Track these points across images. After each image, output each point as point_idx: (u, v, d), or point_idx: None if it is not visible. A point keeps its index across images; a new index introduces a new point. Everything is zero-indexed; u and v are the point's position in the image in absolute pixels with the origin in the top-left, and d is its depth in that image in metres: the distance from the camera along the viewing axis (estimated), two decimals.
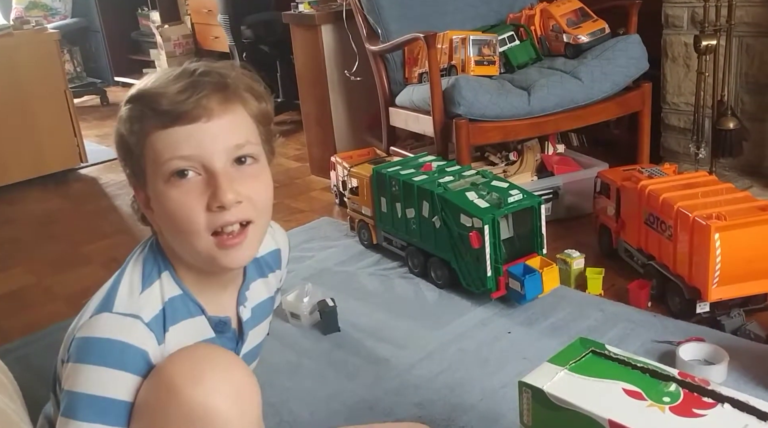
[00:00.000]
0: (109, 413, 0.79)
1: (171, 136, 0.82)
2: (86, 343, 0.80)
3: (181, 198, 0.82)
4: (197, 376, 0.77)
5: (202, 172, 0.82)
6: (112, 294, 0.84)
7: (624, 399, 0.94)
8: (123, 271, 0.88)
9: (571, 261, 1.95)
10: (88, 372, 0.79)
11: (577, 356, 1.06)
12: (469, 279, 1.89)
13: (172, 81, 0.83)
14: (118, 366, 0.79)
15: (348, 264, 2.21)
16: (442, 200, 1.92)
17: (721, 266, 1.60)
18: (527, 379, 1.02)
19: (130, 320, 0.82)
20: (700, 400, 0.93)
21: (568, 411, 0.96)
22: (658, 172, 1.97)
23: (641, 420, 0.90)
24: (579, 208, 2.36)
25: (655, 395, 0.94)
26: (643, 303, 1.80)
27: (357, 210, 2.31)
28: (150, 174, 0.84)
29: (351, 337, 1.79)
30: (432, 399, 1.49)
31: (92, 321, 0.82)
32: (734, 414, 0.90)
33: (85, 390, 0.79)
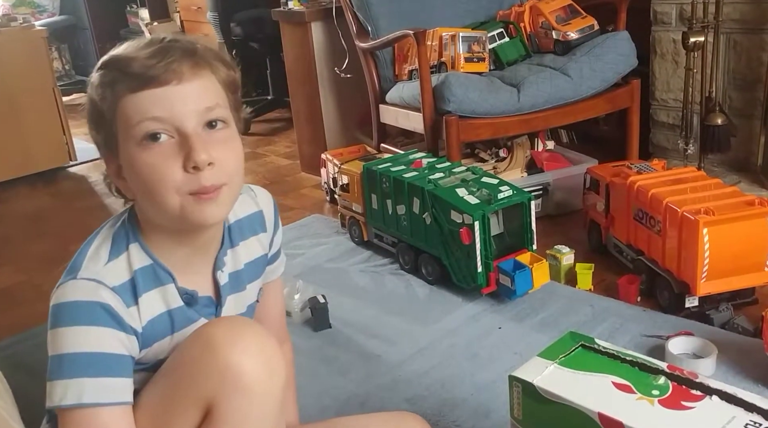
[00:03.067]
0: (91, 366, 0.83)
1: (142, 99, 0.83)
2: (57, 309, 0.85)
3: (156, 160, 0.83)
4: (235, 338, 0.83)
5: (175, 135, 0.84)
6: (77, 262, 0.87)
7: (613, 393, 0.95)
8: (90, 242, 0.90)
9: (560, 257, 1.96)
10: (64, 334, 0.83)
11: (566, 350, 1.06)
12: (459, 275, 1.90)
13: (143, 48, 0.85)
14: (89, 322, 0.83)
15: (339, 261, 2.22)
16: (432, 196, 1.92)
17: (710, 260, 1.61)
18: (517, 373, 1.03)
19: (94, 284, 0.86)
20: (689, 393, 0.93)
21: (558, 404, 0.96)
22: (647, 167, 1.98)
23: (631, 413, 0.90)
24: (569, 204, 2.37)
25: (644, 388, 0.95)
26: (633, 298, 1.81)
27: (348, 207, 2.31)
28: (122, 139, 0.85)
29: (342, 334, 1.79)
30: (423, 395, 1.50)
31: (59, 289, 0.86)
32: (722, 406, 0.90)
33: (64, 351, 0.83)
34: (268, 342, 0.86)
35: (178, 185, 0.84)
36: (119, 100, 0.84)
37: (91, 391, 0.83)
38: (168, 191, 0.84)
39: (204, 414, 0.84)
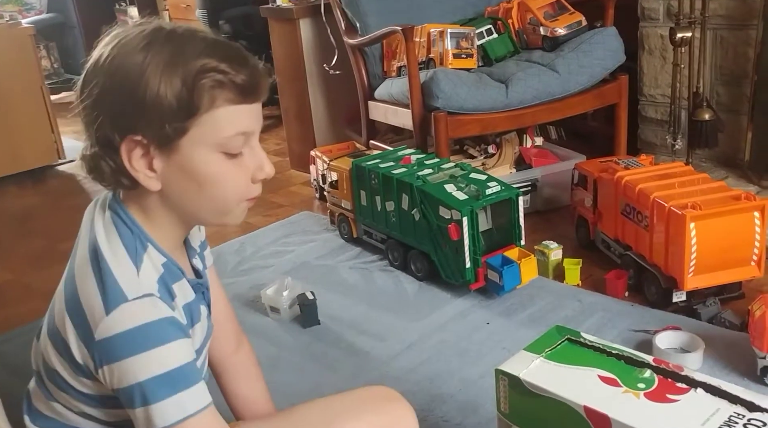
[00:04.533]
0: (180, 381, 0.81)
1: (238, 112, 0.83)
2: (124, 338, 0.80)
3: (232, 170, 0.84)
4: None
5: (247, 147, 0.86)
6: (113, 284, 0.82)
7: (599, 386, 0.95)
8: (101, 256, 0.84)
9: (549, 253, 1.96)
10: (142, 360, 0.80)
11: (553, 344, 1.07)
12: (448, 271, 1.90)
13: (227, 50, 0.83)
14: (164, 340, 0.81)
15: (328, 257, 2.21)
16: (421, 193, 1.92)
17: (697, 255, 1.62)
18: (504, 367, 1.03)
19: (148, 299, 0.82)
20: (674, 386, 0.94)
21: (545, 398, 0.97)
22: (635, 163, 1.98)
23: (616, 406, 0.90)
24: (557, 199, 2.37)
25: (630, 381, 0.95)
26: (621, 293, 1.82)
27: (337, 203, 2.31)
28: (195, 140, 0.82)
29: (331, 330, 1.79)
30: (412, 391, 1.50)
31: (115, 316, 0.80)
32: (707, 398, 0.91)
33: (149, 376, 0.80)
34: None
35: (244, 194, 0.87)
36: (214, 104, 0.81)
37: (189, 402, 0.82)
38: (235, 198, 0.87)
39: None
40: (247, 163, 0.86)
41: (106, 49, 0.82)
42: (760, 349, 1.39)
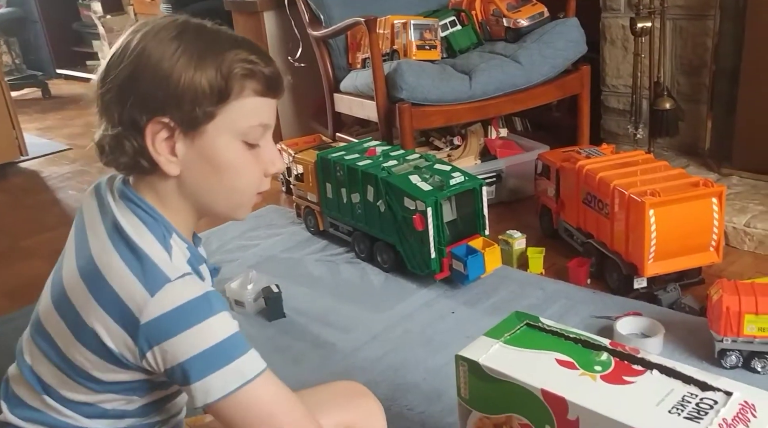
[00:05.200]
0: (234, 349, 0.82)
1: (263, 104, 0.87)
2: (175, 315, 0.81)
3: (249, 160, 0.87)
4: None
5: (263, 140, 0.89)
6: (152, 267, 0.83)
7: (557, 369, 0.96)
8: (133, 243, 0.84)
9: (512, 242, 1.98)
10: (195, 333, 0.81)
11: (512, 329, 1.07)
12: (413, 262, 1.90)
13: (260, 48, 0.88)
14: (213, 312, 0.82)
15: (294, 251, 2.20)
16: (385, 184, 1.92)
17: (657, 241, 1.64)
18: (463, 353, 1.03)
19: (189, 277, 0.84)
20: (630, 368, 0.95)
21: (503, 382, 0.98)
22: (596, 152, 2.00)
23: (573, 389, 0.92)
24: (521, 190, 2.39)
25: (587, 364, 0.96)
26: (583, 281, 1.84)
27: (303, 196, 2.30)
28: (219, 126, 0.85)
29: (296, 323, 1.79)
30: (376, 381, 1.50)
31: (160, 297, 0.81)
32: (662, 379, 0.92)
33: (204, 347, 0.80)
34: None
35: (257, 186, 0.90)
36: (243, 93, 0.85)
37: (246, 368, 0.82)
38: (249, 189, 0.90)
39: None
40: (262, 155, 0.89)
41: (135, 37, 0.84)
42: (718, 332, 1.42)
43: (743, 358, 1.42)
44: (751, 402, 0.85)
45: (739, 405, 0.85)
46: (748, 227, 1.95)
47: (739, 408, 0.84)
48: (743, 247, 1.96)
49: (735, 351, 1.41)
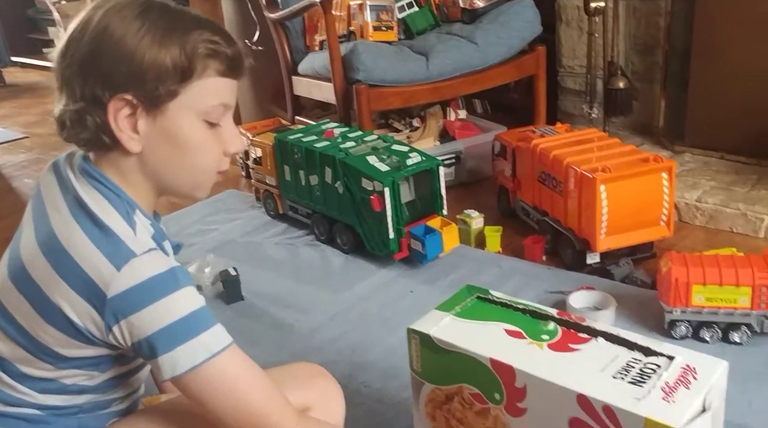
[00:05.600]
0: (200, 322, 0.83)
1: (225, 84, 0.88)
2: (141, 289, 0.80)
3: (209, 139, 0.88)
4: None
5: (223, 120, 0.90)
6: (117, 243, 0.82)
7: (505, 339, 0.98)
8: (97, 219, 0.83)
9: (470, 221, 1.99)
10: (162, 306, 0.81)
11: (462, 302, 1.09)
12: (372, 243, 1.91)
13: (223, 29, 0.89)
14: (180, 285, 0.82)
15: (253, 234, 2.19)
16: (343, 165, 1.92)
17: (608, 217, 1.67)
18: (415, 326, 1.04)
19: (154, 252, 0.84)
20: (576, 336, 0.97)
21: (453, 353, 0.99)
22: (551, 131, 2.03)
23: (521, 357, 0.93)
24: (480, 171, 2.41)
25: (534, 333, 0.98)
26: (538, 257, 1.86)
27: (261, 180, 2.29)
28: (182, 104, 0.85)
29: (255, 305, 1.78)
30: (334, 360, 1.50)
31: (127, 271, 0.81)
32: (607, 346, 0.94)
33: (170, 320, 0.80)
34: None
35: (217, 165, 0.90)
36: (206, 73, 0.85)
37: (213, 341, 0.83)
38: (209, 168, 0.90)
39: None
40: (222, 135, 0.89)
41: (97, 13, 0.84)
42: (667, 304, 1.45)
43: (692, 328, 1.45)
44: (692, 366, 0.87)
45: (680, 368, 0.87)
46: (700, 202, 1.99)
47: (680, 372, 0.86)
48: (695, 222, 2.00)
49: (684, 321, 1.45)
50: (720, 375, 0.87)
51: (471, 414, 1.01)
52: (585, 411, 0.86)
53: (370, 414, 1.34)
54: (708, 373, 0.86)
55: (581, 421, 0.86)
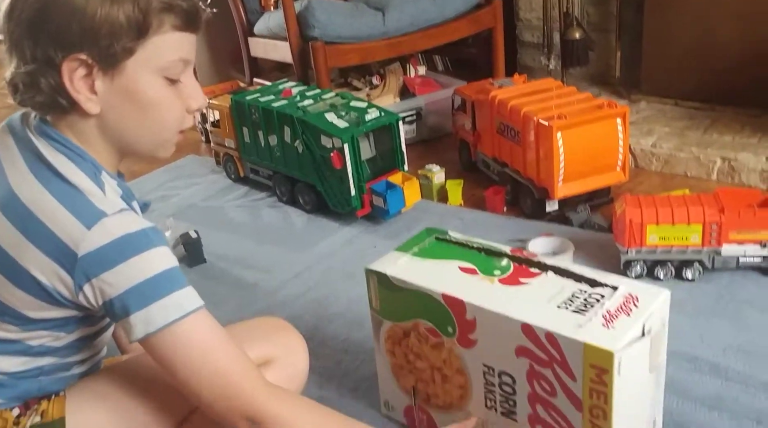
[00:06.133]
0: (174, 281, 0.82)
1: (182, 39, 0.85)
2: (112, 247, 0.80)
3: (170, 96, 0.85)
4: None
5: (184, 76, 0.87)
6: (86, 203, 0.81)
7: (459, 276, 1.00)
8: (65, 180, 0.82)
9: (432, 176, 2.00)
10: (134, 265, 0.80)
11: (421, 243, 1.11)
12: (334, 201, 1.91)
13: None
14: (152, 245, 0.81)
15: (215, 198, 2.17)
16: (302, 123, 1.90)
17: (565, 163, 1.69)
18: (372, 266, 1.07)
19: (126, 212, 0.82)
20: (528, 271, 0.99)
21: (408, 290, 1.02)
22: (509, 82, 2.03)
23: (471, 292, 0.96)
24: (441, 127, 2.41)
25: (487, 270, 1.00)
26: (499, 208, 1.88)
27: (221, 143, 2.26)
28: (138, 63, 0.82)
29: (217, 267, 1.77)
30: (299, 314, 1.51)
31: (97, 230, 0.79)
32: (555, 279, 0.96)
33: (142, 278, 0.80)
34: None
35: (180, 123, 0.88)
36: (162, 28, 0.82)
37: (186, 300, 0.82)
38: (172, 126, 0.88)
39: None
40: (183, 91, 0.87)
41: None
42: (623, 245, 1.48)
43: (647, 268, 1.49)
44: (634, 295, 0.90)
45: (623, 297, 0.90)
46: (655, 148, 2.03)
47: (623, 300, 0.89)
48: (651, 168, 2.04)
49: (639, 261, 1.48)
50: (662, 302, 0.90)
51: (427, 348, 1.04)
52: (530, 339, 0.89)
53: (336, 364, 1.36)
54: (649, 301, 0.89)
55: (527, 349, 0.90)
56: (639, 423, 0.92)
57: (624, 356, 0.82)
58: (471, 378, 1.00)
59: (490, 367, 0.96)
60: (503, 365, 0.94)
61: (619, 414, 0.85)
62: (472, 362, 0.98)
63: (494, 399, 0.98)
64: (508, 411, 0.98)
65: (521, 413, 0.96)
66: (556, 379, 0.88)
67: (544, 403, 0.91)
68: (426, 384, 1.08)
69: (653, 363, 0.88)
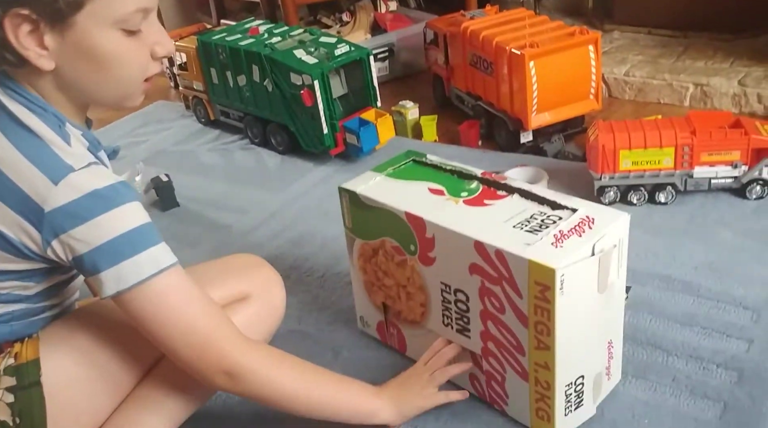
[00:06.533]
0: (147, 237, 0.80)
1: None
2: (82, 203, 0.77)
3: (131, 47, 0.80)
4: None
5: (145, 24, 0.82)
6: (52, 156, 0.78)
7: (426, 196, 1.01)
8: (30, 133, 0.79)
9: (406, 112, 1.98)
10: (106, 220, 0.78)
11: (397, 164, 1.12)
12: (307, 140, 1.88)
13: None
14: (124, 200, 0.79)
15: (185, 143, 2.14)
16: (270, 61, 1.86)
17: (538, 93, 1.67)
18: (345, 185, 1.08)
19: (94, 167, 0.80)
20: (495, 193, 0.99)
21: (376, 209, 1.03)
22: (480, 13, 1.99)
23: (433, 211, 0.97)
24: (415, 63, 2.37)
25: (455, 191, 1.01)
26: (474, 142, 1.87)
27: (189, 86, 2.21)
28: (90, 17, 0.77)
29: (191, 210, 1.75)
30: (275, 254, 1.51)
31: (64, 185, 0.77)
32: (519, 201, 0.97)
33: (112, 236, 0.78)
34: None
35: (144, 72, 0.84)
36: None
37: (161, 256, 0.81)
38: (136, 78, 0.83)
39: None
40: (146, 39, 0.82)
41: None
42: (596, 171, 1.48)
43: (620, 193, 1.49)
44: (591, 217, 0.90)
45: (579, 219, 0.89)
46: (628, 76, 2.01)
47: (579, 222, 0.89)
48: (624, 97, 2.03)
49: (613, 187, 1.48)
50: (619, 225, 0.90)
51: (393, 266, 1.06)
52: (481, 256, 0.90)
53: (314, 299, 1.36)
54: (605, 223, 0.89)
55: (478, 267, 0.91)
56: (589, 342, 0.93)
57: (567, 273, 0.82)
58: (431, 295, 1.01)
59: (447, 285, 0.97)
60: (458, 283, 0.95)
61: (563, 331, 0.86)
62: (431, 280, 1.00)
63: (450, 317, 1.00)
64: (462, 328, 0.99)
65: (474, 330, 0.97)
66: (505, 296, 0.89)
67: (495, 320, 0.93)
68: (393, 301, 1.10)
69: (603, 283, 0.88)
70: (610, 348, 0.97)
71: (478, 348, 0.98)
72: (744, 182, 1.44)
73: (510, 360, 0.94)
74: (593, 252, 0.85)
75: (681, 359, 1.08)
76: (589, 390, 0.95)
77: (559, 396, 0.91)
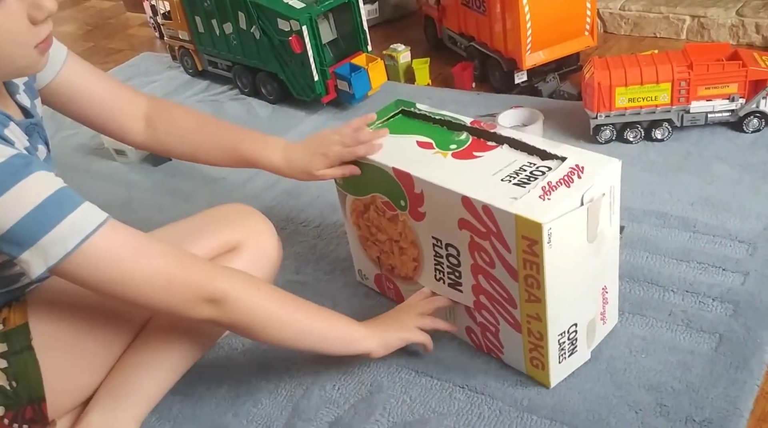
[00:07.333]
0: (60, 207, 0.75)
1: None
2: None
3: (4, 20, 0.73)
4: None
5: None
6: None
7: (414, 150, 0.99)
8: None
9: (397, 56, 1.94)
10: (8, 201, 0.72)
11: (386, 116, 1.10)
12: (298, 88, 1.85)
13: None
14: (24, 175, 0.73)
15: (174, 94, 2.10)
16: (256, 7, 1.81)
17: (532, 31, 1.63)
18: None
19: None
20: (484, 144, 0.97)
21: (366, 165, 1.02)
22: None
23: (421, 166, 0.95)
24: (406, 5, 2.33)
25: (443, 144, 0.99)
26: (468, 85, 1.83)
27: (174, 36, 2.16)
28: None
29: (183, 164, 1.71)
30: (270, 206, 1.50)
31: None
32: (509, 152, 0.95)
33: (22, 214, 0.73)
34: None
35: (28, 41, 0.76)
36: None
37: (84, 221, 0.75)
38: (21, 50, 0.76)
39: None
40: (14, 6, 0.73)
41: None
42: (592, 110, 1.45)
43: (616, 131, 1.47)
44: (581, 165, 0.88)
45: (568, 168, 0.88)
46: (623, 11, 1.96)
47: (567, 172, 0.87)
48: (620, 32, 1.99)
49: (609, 125, 1.46)
50: (610, 172, 0.88)
51: (384, 221, 1.05)
52: (469, 212, 0.89)
53: (312, 249, 1.36)
54: (594, 172, 0.87)
55: (467, 222, 0.90)
56: (581, 291, 0.92)
57: (554, 227, 0.81)
58: (423, 250, 1.01)
59: (438, 239, 0.97)
60: (449, 237, 0.95)
61: (553, 283, 0.85)
62: (422, 234, 0.99)
63: (442, 271, 1.00)
64: (454, 282, 0.99)
65: (466, 284, 0.97)
66: (494, 251, 0.88)
67: (485, 274, 0.93)
68: (387, 256, 1.10)
69: (592, 233, 0.87)
70: (605, 293, 0.97)
71: (470, 301, 0.98)
72: (741, 115, 1.42)
73: (502, 313, 0.94)
74: (582, 202, 0.84)
75: (677, 294, 1.09)
76: (582, 336, 0.95)
77: (552, 346, 0.91)
